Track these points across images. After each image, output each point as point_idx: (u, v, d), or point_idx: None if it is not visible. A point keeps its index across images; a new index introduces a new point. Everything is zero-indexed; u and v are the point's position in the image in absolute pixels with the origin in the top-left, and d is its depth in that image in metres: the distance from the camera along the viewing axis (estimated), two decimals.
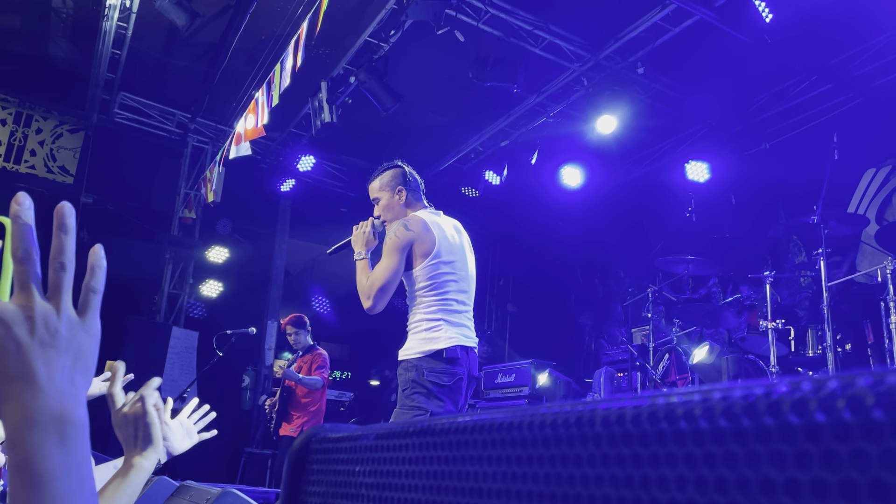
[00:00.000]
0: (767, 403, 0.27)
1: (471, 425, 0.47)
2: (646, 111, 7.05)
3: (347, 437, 0.63)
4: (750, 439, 0.28)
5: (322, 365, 6.33)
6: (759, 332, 5.34)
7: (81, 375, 0.65)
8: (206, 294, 8.63)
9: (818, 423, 0.26)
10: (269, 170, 8.85)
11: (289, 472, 0.68)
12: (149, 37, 6.84)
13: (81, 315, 0.67)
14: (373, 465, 0.58)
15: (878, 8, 5.59)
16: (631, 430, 0.34)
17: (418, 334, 3.08)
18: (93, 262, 0.68)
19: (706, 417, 0.30)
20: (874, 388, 0.27)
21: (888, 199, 6.38)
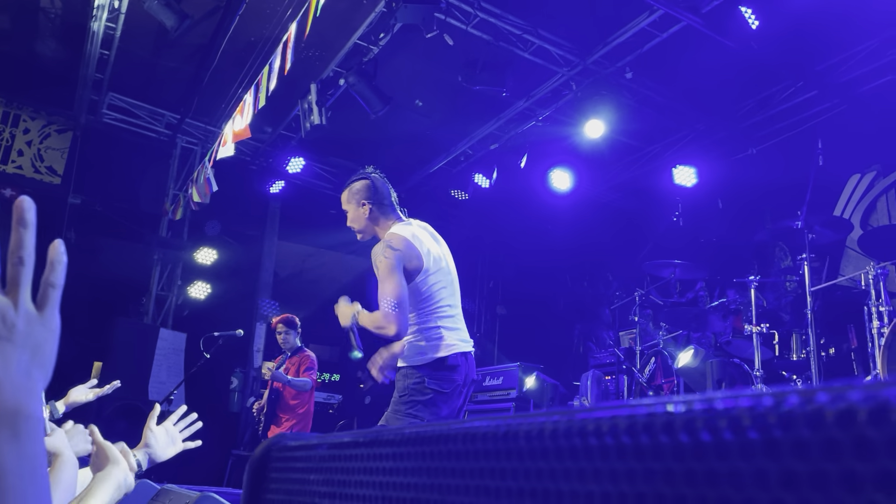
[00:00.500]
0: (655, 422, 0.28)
1: (414, 436, 0.48)
2: (634, 116, 7.08)
3: (304, 445, 0.64)
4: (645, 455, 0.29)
5: (310, 367, 6.32)
6: (744, 335, 5.38)
7: (39, 370, 0.65)
8: (195, 296, 8.60)
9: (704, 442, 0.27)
10: (258, 171, 8.84)
11: (249, 480, 0.69)
12: (138, 37, 6.83)
13: (40, 310, 0.67)
14: (326, 475, 0.59)
15: (863, 15, 5.64)
16: (552, 446, 0.35)
17: (418, 343, 3.09)
18: (52, 257, 0.68)
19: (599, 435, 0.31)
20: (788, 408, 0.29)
21: (872, 204, 6.44)
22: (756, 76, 6.64)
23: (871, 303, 4.41)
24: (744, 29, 5.45)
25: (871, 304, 4.41)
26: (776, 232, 5.56)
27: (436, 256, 3.19)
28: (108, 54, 6.92)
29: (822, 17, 5.53)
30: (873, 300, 4.39)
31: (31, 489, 0.60)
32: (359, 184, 3.31)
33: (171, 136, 8.45)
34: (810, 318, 4.72)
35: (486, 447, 0.40)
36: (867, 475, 0.23)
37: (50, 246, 0.68)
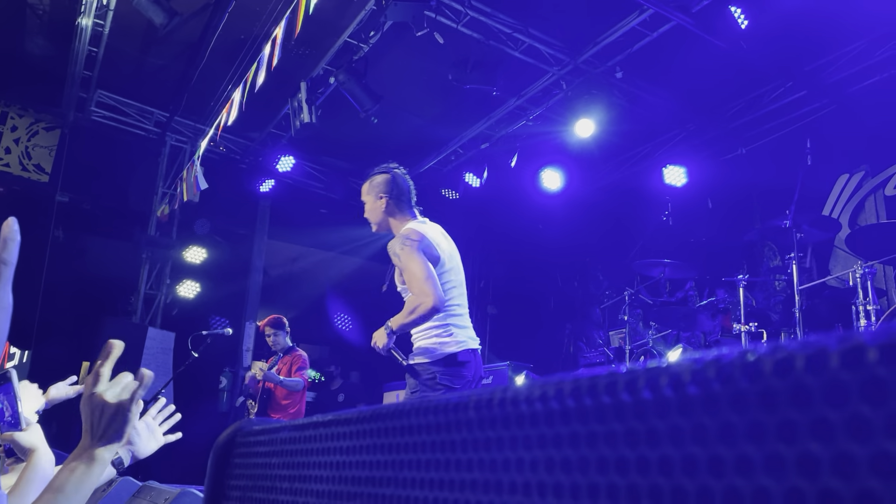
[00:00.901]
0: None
1: (370, 415, 0.46)
2: (624, 115, 7.08)
3: (267, 429, 0.63)
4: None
5: (302, 366, 6.29)
6: (732, 335, 5.39)
7: None
8: (184, 295, 8.56)
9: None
10: (248, 170, 8.80)
11: (212, 467, 0.68)
12: (126, 35, 6.79)
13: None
14: (288, 458, 0.57)
15: (851, 16, 5.67)
16: (499, 413, 0.34)
17: (429, 340, 3.14)
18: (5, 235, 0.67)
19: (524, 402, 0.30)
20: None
21: (861, 204, 6.46)
22: (746, 76, 6.66)
23: (859, 301, 4.42)
24: (733, 29, 5.47)
25: (859, 302, 4.42)
26: (765, 231, 5.57)
27: (448, 255, 3.25)
28: (97, 51, 6.87)
29: (811, 18, 5.55)
30: (861, 299, 4.41)
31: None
32: (380, 177, 3.36)
33: (160, 134, 8.40)
34: (798, 316, 4.73)
35: (437, 420, 0.38)
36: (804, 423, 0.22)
37: (3, 224, 0.67)
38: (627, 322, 6.47)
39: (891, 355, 0.21)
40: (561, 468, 0.31)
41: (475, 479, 0.34)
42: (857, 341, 0.22)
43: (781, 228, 5.02)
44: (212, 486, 0.67)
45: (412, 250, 3.07)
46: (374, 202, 3.34)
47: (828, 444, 0.21)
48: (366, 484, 0.44)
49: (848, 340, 0.22)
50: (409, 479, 0.39)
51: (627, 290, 6.58)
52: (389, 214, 3.33)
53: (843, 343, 0.21)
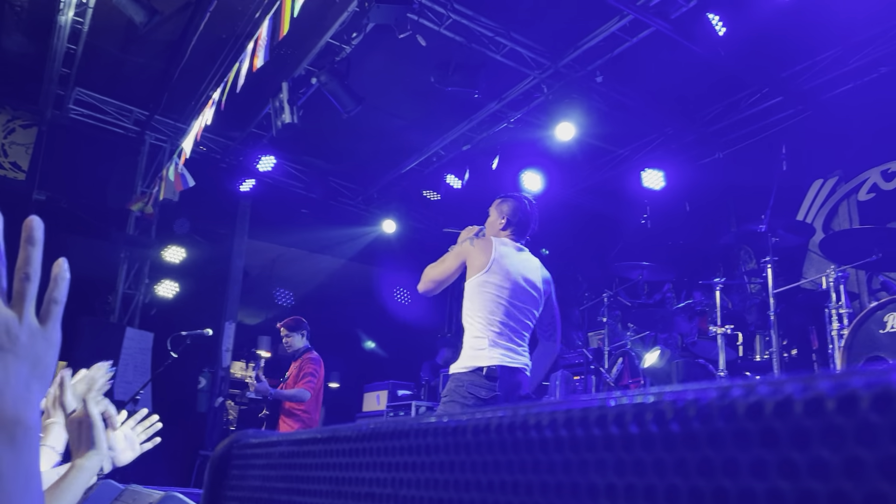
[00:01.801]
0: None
1: (369, 433, 0.49)
2: (604, 119, 7.16)
3: (265, 443, 0.65)
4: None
5: (311, 373, 6.02)
6: (709, 337, 5.48)
7: (38, 382, 0.67)
8: (162, 294, 8.50)
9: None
10: (228, 169, 8.76)
11: (210, 477, 0.70)
12: (106, 33, 6.73)
13: (43, 324, 0.69)
14: (285, 471, 0.60)
15: (827, 24, 5.78)
16: (497, 439, 0.37)
17: (467, 351, 3.40)
18: (56, 274, 0.71)
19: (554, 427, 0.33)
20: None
21: (834, 209, 6.59)
22: (723, 82, 6.76)
23: (832, 305, 4.51)
24: (711, 35, 5.55)
25: (832, 306, 4.51)
26: (741, 235, 5.66)
27: (513, 274, 3.47)
28: (76, 49, 6.81)
29: (787, 25, 5.65)
30: (833, 302, 4.50)
31: (24, 496, 0.62)
32: (511, 203, 3.72)
33: (139, 133, 8.34)
34: (773, 319, 4.81)
35: (436, 441, 0.41)
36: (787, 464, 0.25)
37: (55, 263, 0.71)
38: (606, 323, 6.54)
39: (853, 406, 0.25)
40: (555, 492, 0.34)
41: (473, 499, 0.37)
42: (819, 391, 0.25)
43: (757, 232, 5.12)
44: (209, 498, 0.69)
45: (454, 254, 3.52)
46: (497, 220, 3.70)
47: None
48: (365, 499, 0.47)
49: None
50: (408, 496, 0.42)
51: (606, 292, 6.65)
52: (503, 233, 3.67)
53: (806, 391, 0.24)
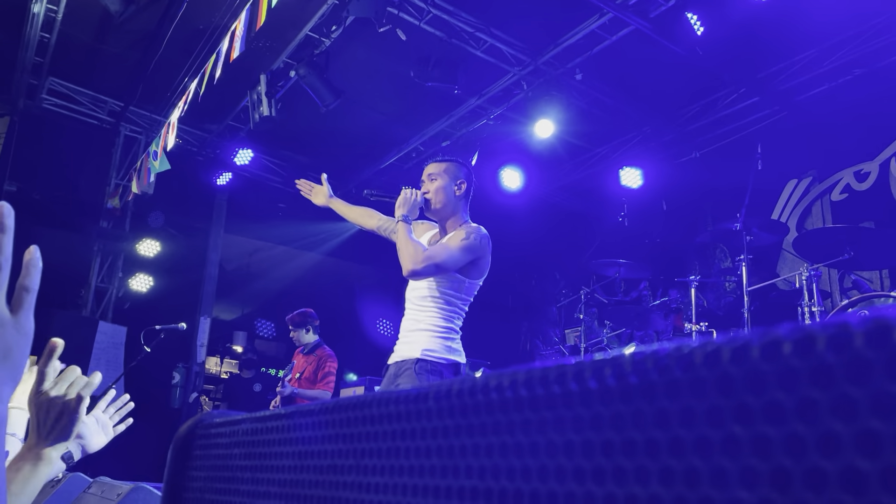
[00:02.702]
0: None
1: (333, 406, 0.48)
2: (583, 117, 7.19)
3: (229, 422, 0.64)
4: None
5: (330, 371, 5.73)
6: (684, 334, 5.52)
7: (7, 373, 0.65)
8: (136, 288, 8.39)
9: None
10: (204, 162, 8.67)
11: (173, 457, 0.69)
12: (80, 21, 6.62)
13: (14, 313, 0.67)
14: (248, 448, 0.59)
15: (803, 26, 5.84)
16: (457, 403, 0.36)
17: (440, 338, 3.00)
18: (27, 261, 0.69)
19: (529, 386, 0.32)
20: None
21: (808, 208, 6.68)
22: (701, 81, 6.81)
23: (804, 303, 4.57)
24: (690, 35, 5.59)
25: (804, 304, 4.57)
26: (717, 234, 5.70)
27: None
28: (49, 38, 6.69)
29: (765, 26, 5.71)
30: (806, 300, 4.55)
31: None
32: (460, 167, 3.28)
33: (113, 124, 8.22)
34: (747, 317, 4.86)
35: (397, 409, 0.40)
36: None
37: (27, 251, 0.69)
38: (583, 320, 6.57)
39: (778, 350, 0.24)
40: (514, 454, 0.33)
41: (434, 465, 0.36)
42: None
43: (732, 231, 5.16)
44: (171, 479, 0.68)
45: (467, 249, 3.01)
46: (451, 185, 3.19)
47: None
48: (328, 472, 0.46)
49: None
50: (370, 466, 0.41)
51: (583, 289, 6.68)
52: (455, 203, 3.20)
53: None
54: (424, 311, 3.04)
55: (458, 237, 3.06)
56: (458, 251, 3.00)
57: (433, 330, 3.01)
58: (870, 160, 6.20)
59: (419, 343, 2.96)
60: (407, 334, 3.05)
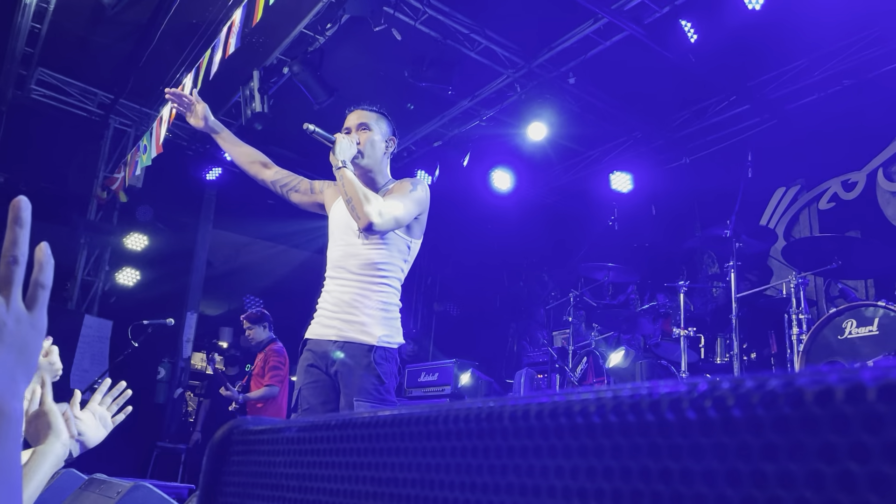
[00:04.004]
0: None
1: (389, 419, 0.49)
2: (575, 120, 7.22)
3: (269, 429, 0.65)
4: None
5: (276, 366, 6.04)
6: (672, 338, 5.57)
7: (22, 370, 0.65)
8: (123, 282, 8.33)
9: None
10: (194, 157, 8.63)
11: (209, 464, 0.69)
12: (72, 12, 6.56)
13: (30, 309, 0.67)
14: (293, 457, 0.60)
15: (794, 36, 5.91)
16: (536, 425, 0.37)
17: (392, 321, 2.74)
18: (40, 258, 0.68)
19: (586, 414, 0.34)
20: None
21: (796, 216, 6.75)
22: (692, 88, 6.87)
23: (792, 311, 4.63)
24: (683, 42, 5.63)
25: (792, 311, 4.62)
26: (705, 239, 5.76)
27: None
28: (40, 28, 6.63)
29: (757, 35, 5.76)
30: (794, 308, 4.61)
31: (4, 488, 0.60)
32: (389, 123, 3.04)
33: (103, 117, 8.15)
34: (735, 323, 4.92)
35: (468, 427, 0.42)
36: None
37: (37, 247, 0.68)
38: (571, 323, 6.60)
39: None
40: (586, 476, 0.35)
41: (498, 483, 0.38)
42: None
43: (721, 237, 5.21)
44: (207, 484, 0.68)
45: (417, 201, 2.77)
46: (382, 141, 2.95)
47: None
48: (387, 484, 0.47)
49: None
50: (438, 481, 0.42)
51: (572, 292, 6.71)
52: (382, 159, 2.96)
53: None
54: (372, 283, 2.72)
55: (403, 188, 2.81)
56: (410, 203, 2.75)
57: (386, 309, 2.71)
58: (857, 170, 6.28)
59: (374, 327, 2.65)
60: (350, 310, 2.69)
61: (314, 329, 2.79)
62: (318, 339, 2.74)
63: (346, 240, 2.81)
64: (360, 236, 2.75)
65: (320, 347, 2.71)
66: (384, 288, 2.73)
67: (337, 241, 2.86)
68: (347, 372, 2.62)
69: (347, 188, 2.68)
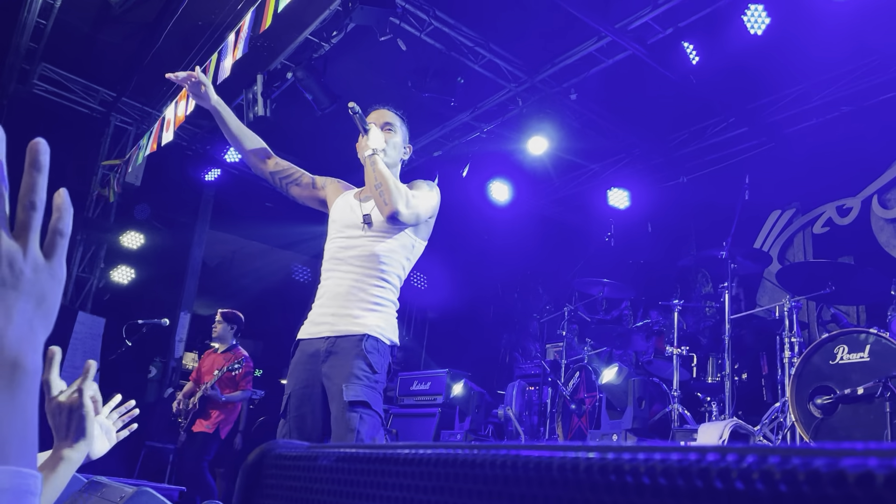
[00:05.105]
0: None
1: (434, 458, 0.52)
2: (575, 136, 7.28)
3: (304, 455, 0.68)
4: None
5: (249, 372, 6.26)
6: (664, 356, 5.61)
7: (41, 321, 0.62)
8: (118, 280, 8.32)
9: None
10: (194, 157, 8.64)
11: (242, 488, 0.72)
12: (78, 9, 6.58)
13: (48, 258, 0.64)
14: (329, 486, 0.62)
15: (795, 62, 5.99)
16: (586, 480, 0.40)
17: (388, 317, 2.65)
18: (59, 204, 0.66)
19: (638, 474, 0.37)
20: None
21: (790, 240, 6.82)
22: (692, 109, 6.94)
23: (785, 333, 4.68)
24: (685, 63, 5.70)
25: (785, 334, 4.68)
26: (700, 259, 5.82)
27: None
28: (45, 24, 6.65)
29: (758, 59, 5.84)
30: (786, 331, 4.66)
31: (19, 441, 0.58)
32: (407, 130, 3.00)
33: (104, 114, 8.16)
34: (727, 343, 4.97)
35: (517, 475, 0.44)
36: None
37: (56, 193, 0.65)
38: (565, 337, 6.64)
39: None
40: None
41: None
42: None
43: (716, 258, 5.27)
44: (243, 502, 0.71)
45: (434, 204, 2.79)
46: (402, 143, 2.93)
47: None
48: None
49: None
50: None
51: (567, 306, 6.75)
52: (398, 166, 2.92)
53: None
54: (370, 276, 2.64)
55: (422, 187, 2.80)
56: (429, 202, 2.76)
57: (381, 304, 2.63)
58: (852, 196, 6.35)
59: (366, 318, 2.57)
60: (343, 302, 2.61)
61: (306, 329, 2.71)
62: (310, 338, 2.65)
63: (347, 233, 2.74)
64: (364, 229, 2.69)
65: (311, 347, 2.62)
66: (381, 283, 2.64)
67: (337, 236, 2.78)
68: (337, 363, 2.52)
69: (378, 174, 2.63)
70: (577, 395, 6.25)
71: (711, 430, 4.41)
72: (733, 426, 4.34)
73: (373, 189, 2.64)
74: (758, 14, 5.17)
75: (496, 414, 6.70)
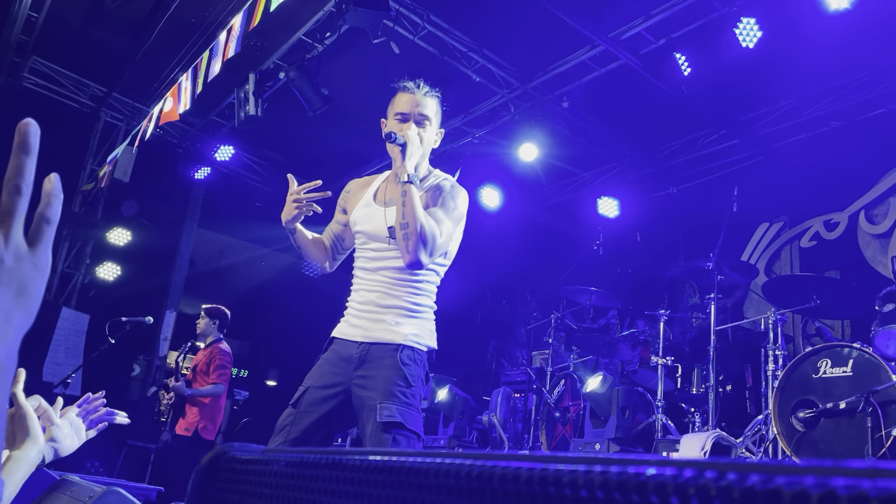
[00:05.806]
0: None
1: (381, 466, 0.50)
2: (566, 143, 7.28)
3: (257, 460, 0.66)
4: None
5: (222, 365, 6.17)
6: (650, 366, 5.61)
7: (20, 312, 0.59)
8: (103, 276, 8.26)
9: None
10: (184, 155, 8.58)
11: (194, 488, 0.70)
12: (70, 4, 6.54)
13: (31, 246, 0.61)
14: (284, 492, 0.60)
15: (785, 75, 6.02)
16: (526, 491, 0.39)
17: (426, 322, 2.54)
18: (48, 190, 0.62)
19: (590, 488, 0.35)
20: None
21: (777, 252, 6.85)
22: (683, 120, 6.96)
23: (769, 346, 4.68)
24: (677, 74, 5.71)
25: (769, 347, 4.68)
26: (688, 270, 5.83)
27: None
28: (37, 17, 6.60)
29: (749, 73, 5.86)
30: (771, 344, 4.67)
31: None
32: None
33: (94, 109, 8.11)
34: (712, 355, 4.97)
35: (469, 485, 0.43)
36: None
37: (46, 179, 0.62)
38: (551, 344, 6.63)
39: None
40: None
41: None
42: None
43: (704, 269, 5.28)
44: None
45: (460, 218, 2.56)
46: (437, 130, 2.72)
47: None
48: None
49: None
50: None
51: (554, 314, 6.75)
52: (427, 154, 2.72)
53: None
54: (403, 282, 2.52)
55: (447, 205, 2.55)
56: (454, 225, 2.54)
57: (416, 309, 2.52)
58: (840, 211, 6.38)
59: (402, 326, 2.46)
60: (377, 309, 2.50)
61: (341, 328, 2.58)
62: (345, 339, 2.53)
63: (373, 246, 2.59)
64: (390, 243, 2.52)
65: (346, 350, 2.50)
66: (416, 290, 2.52)
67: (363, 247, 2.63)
68: (372, 373, 2.41)
69: (407, 213, 2.38)
70: (562, 402, 6.24)
71: (694, 441, 4.40)
72: (715, 438, 4.34)
73: (398, 225, 2.41)
74: (750, 27, 5.19)
75: (480, 420, 6.68)
